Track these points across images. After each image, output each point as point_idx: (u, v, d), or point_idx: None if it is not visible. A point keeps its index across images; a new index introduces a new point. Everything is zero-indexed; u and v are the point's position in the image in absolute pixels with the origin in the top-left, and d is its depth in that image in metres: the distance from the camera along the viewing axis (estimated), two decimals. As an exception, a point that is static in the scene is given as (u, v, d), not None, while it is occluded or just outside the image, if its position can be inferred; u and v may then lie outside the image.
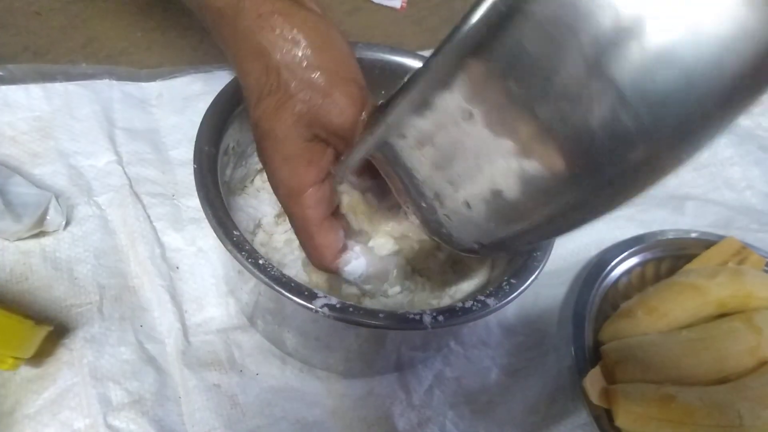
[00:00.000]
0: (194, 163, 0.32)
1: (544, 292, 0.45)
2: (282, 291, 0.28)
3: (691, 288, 0.42)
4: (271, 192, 0.41)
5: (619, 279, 0.45)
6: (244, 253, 0.29)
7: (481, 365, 0.41)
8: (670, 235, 0.48)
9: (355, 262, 0.32)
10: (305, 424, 0.36)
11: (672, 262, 0.47)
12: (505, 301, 0.30)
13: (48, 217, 0.37)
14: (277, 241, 0.39)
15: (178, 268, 0.40)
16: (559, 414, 0.39)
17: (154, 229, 0.41)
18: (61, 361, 0.34)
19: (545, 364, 0.42)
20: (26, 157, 0.41)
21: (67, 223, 0.39)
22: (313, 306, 0.28)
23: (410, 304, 0.37)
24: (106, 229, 0.40)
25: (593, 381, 0.38)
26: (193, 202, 0.43)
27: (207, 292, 0.39)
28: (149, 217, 0.41)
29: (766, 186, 0.57)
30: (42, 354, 0.33)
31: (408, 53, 0.41)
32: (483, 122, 0.20)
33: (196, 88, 0.48)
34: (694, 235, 0.48)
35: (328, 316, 0.27)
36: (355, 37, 0.51)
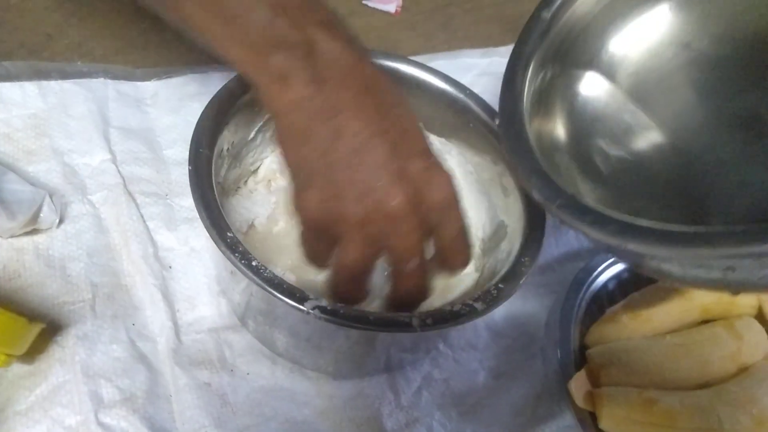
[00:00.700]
0: (189, 164, 0.32)
1: (532, 296, 0.46)
2: (274, 292, 0.28)
3: (675, 294, 0.43)
4: (263, 192, 0.42)
5: (605, 284, 0.46)
6: (237, 255, 0.29)
7: (468, 368, 0.41)
8: (657, 241, 0.48)
9: None
10: (294, 423, 0.36)
11: (658, 268, 0.48)
12: (494, 305, 0.31)
13: (42, 215, 0.38)
14: (270, 242, 0.39)
15: (170, 267, 0.40)
16: (545, 416, 0.40)
17: (148, 228, 0.41)
18: (53, 359, 0.34)
19: (532, 367, 0.42)
20: (20, 155, 0.41)
21: (61, 221, 0.39)
22: (304, 308, 0.28)
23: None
24: (99, 228, 0.40)
25: (578, 384, 0.39)
26: (186, 202, 0.43)
27: (199, 291, 0.40)
28: (142, 216, 0.41)
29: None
30: (34, 351, 0.34)
31: (402, 59, 0.41)
32: None
33: (191, 89, 0.49)
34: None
35: (318, 318, 0.28)
36: (350, 40, 0.51)
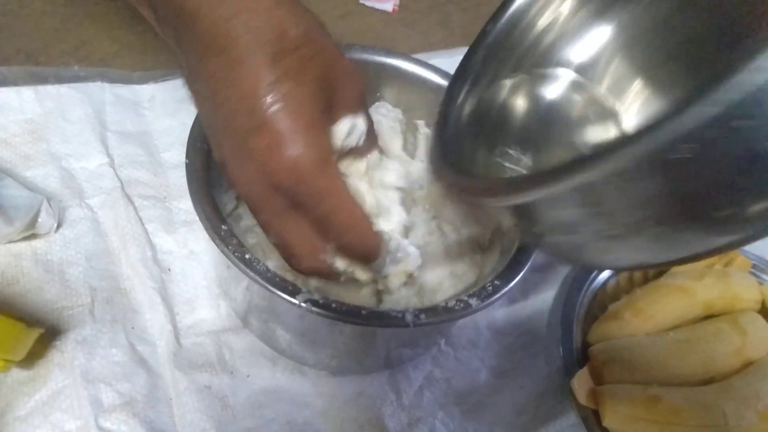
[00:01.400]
0: (186, 158, 0.32)
1: (534, 294, 0.45)
2: (267, 285, 0.28)
3: (678, 290, 0.42)
4: None
5: (607, 281, 0.46)
6: (230, 248, 0.29)
7: (470, 366, 0.41)
8: (658, 237, 0.48)
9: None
10: (296, 425, 0.36)
11: (660, 264, 0.47)
12: (488, 301, 0.31)
13: (39, 220, 0.37)
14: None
15: (169, 270, 0.40)
16: (548, 415, 0.40)
17: (146, 231, 0.41)
18: (52, 363, 0.34)
19: (534, 365, 0.42)
20: (18, 160, 0.41)
21: (59, 226, 0.39)
22: (296, 300, 0.28)
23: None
24: (97, 232, 0.40)
25: (581, 382, 0.38)
26: (184, 205, 0.43)
27: (198, 294, 0.39)
28: (141, 220, 0.41)
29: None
30: (33, 356, 0.33)
31: (403, 56, 0.41)
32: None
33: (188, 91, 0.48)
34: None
35: (311, 311, 0.28)
36: (348, 40, 0.51)
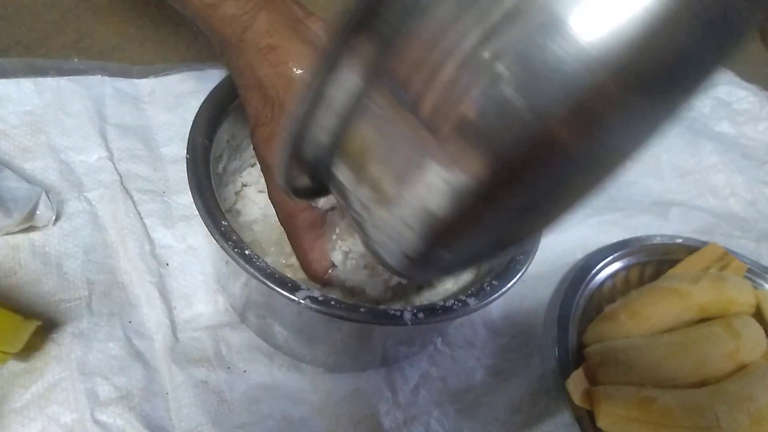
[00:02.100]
0: (187, 153, 0.32)
1: (530, 294, 0.45)
2: (266, 282, 0.28)
3: (673, 293, 0.43)
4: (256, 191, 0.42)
5: (603, 283, 0.46)
6: (230, 243, 0.29)
7: (466, 365, 0.41)
8: (655, 240, 0.49)
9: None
10: (291, 421, 0.36)
11: (656, 266, 0.48)
12: (486, 301, 0.31)
13: (38, 212, 0.37)
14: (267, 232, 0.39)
15: (167, 264, 0.40)
16: (543, 414, 0.40)
17: (144, 225, 0.41)
18: (49, 356, 0.34)
19: (530, 365, 0.42)
20: (17, 152, 0.41)
21: (57, 218, 0.39)
22: (295, 297, 0.28)
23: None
24: (95, 225, 0.40)
25: (576, 382, 0.39)
26: (183, 199, 0.43)
27: (196, 289, 0.39)
28: (139, 214, 0.41)
29: (749, 193, 0.58)
30: (30, 348, 0.33)
31: None
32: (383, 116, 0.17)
33: (188, 86, 0.48)
34: (678, 240, 0.49)
35: (310, 308, 0.28)
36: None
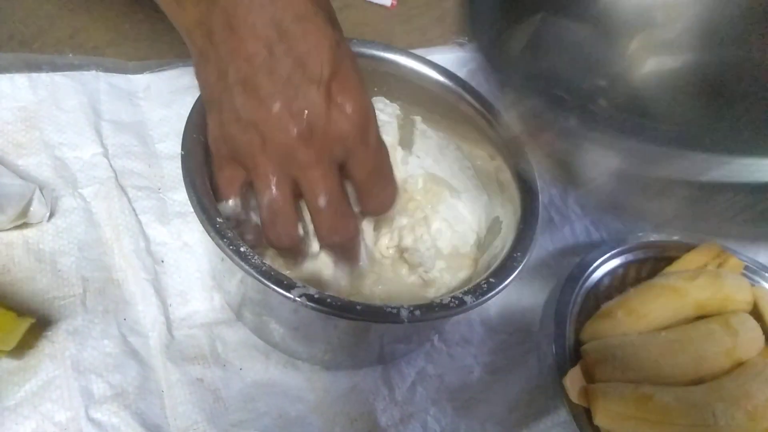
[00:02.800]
0: (182, 149, 0.32)
1: (527, 291, 0.45)
2: (261, 279, 0.28)
3: (670, 290, 0.43)
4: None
5: (600, 280, 0.46)
6: (226, 240, 0.29)
7: (463, 363, 0.41)
8: (652, 237, 0.48)
9: None
10: (288, 419, 0.36)
11: (653, 264, 0.48)
12: (483, 299, 0.31)
13: (32, 209, 0.37)
14: None
15: (162, 261, 0.40)
16: (540, 412, 0.40)
17: (140, 222, 0.40)
18: (43, 354, 0.34)
19: (527, 362, 0.42)
20: (10, 148, 0.41)
21: (51, 215, 0.39)
22: (291, 295, 0.28)
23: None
24: (90, 222, 0.40)
25: (573, 380, 0.38)
26: (179, 196, 0.43)
27: (192, 286, 0.39)
28: (134, 210, 0.41)
29: (747, 191, 0.58)
30: (24, 346, 0.33)
31: (401, 51, 0.41)
32: None
33: (184, 82, 0.48)
34: (675, 237, 0.49)
35: (305, 306, 0.28)
36: (345, 33, 0.51)
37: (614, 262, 0.47)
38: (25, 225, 0.38)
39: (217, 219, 0.30)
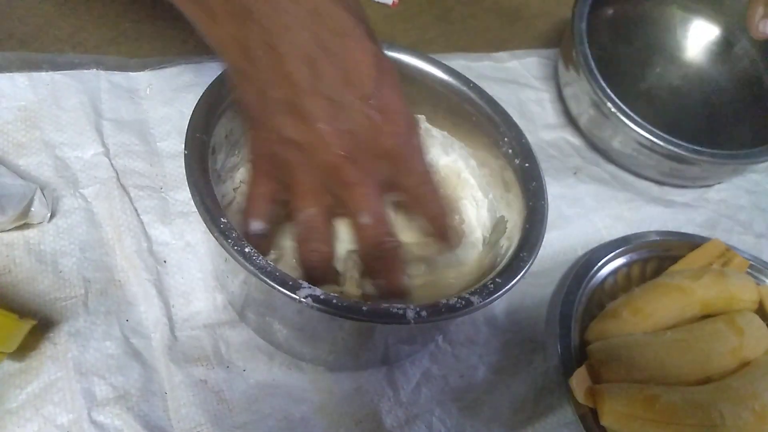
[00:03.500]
0: (185, 149, 0.32)
1: (532, 291, 0.45)
2: (266, 280, 0.28)
3: (675, 289, 0.42)
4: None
5: (605, 279, 0.45)
6: (230, 241, 0.29)
7: (468, 363, 0.41)
8: (657, 236, 0.48)
9: None
10: (292, 420, 0.36)
11: (658, 263, 0.47)
12: (490, 299, 0.30)
13: (32, 209, 0.37)
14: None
15: (165, 262, 0.39)
16: (545, 412, 0.40)
17: (142, 222, 0.40)
18: (44, 356, 0.34)
19: (532, 362, 0.42)
20: (11, 148, 0.40)
21: (52, 216, 0.38)
22: (296, 296, 0.27)
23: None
24: (92, 222, 0.39)
25: (579, 380, 0.38)
26: (181, 196, 0.42)
27: (194, 286, 0.39)
28: (136, 210, 0.40)
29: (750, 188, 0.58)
30: (25, 348, 0.33)
31: (404, 49, 0.41)
32: None
33: (185, 79, 0.48)
34: (679, 236, 0.49)
35: (311, 307, 0.27)
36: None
37: (619, 261, 0.47)
38: (26, 225, 0.37)
39: (221, 219, 0.29)
